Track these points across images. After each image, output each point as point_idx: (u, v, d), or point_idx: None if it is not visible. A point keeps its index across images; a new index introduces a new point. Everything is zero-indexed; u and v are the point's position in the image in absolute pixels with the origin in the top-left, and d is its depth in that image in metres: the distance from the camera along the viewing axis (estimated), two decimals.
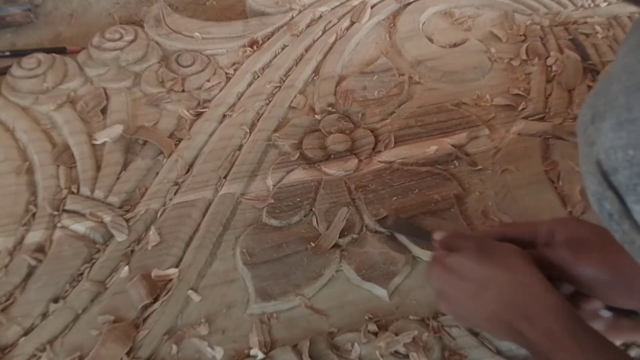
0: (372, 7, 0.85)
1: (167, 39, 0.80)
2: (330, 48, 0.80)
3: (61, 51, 0.81)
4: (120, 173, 0.66)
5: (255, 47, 0.80)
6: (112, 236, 0.61)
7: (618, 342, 0.51)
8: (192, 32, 0.81)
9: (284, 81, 0.76)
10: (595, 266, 0.43)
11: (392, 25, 0.84)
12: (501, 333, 0.44)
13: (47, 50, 0.78)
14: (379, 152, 0.68)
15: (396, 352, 0.52)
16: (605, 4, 0.85)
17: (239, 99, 0.75)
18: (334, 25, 0.83)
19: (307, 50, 0.80)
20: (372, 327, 0.53)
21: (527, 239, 0.48)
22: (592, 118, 0.33)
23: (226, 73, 0.77)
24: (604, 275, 0.42)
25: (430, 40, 0.82)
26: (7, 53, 0.83)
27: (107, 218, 0.61)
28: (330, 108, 0.73)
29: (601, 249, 0.43)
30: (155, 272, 0.58)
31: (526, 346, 0.42)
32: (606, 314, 0.45)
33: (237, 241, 0.61)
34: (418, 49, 0.80)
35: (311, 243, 0.59)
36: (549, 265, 0.45)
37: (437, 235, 0.52)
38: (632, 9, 0.84)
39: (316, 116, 0.72)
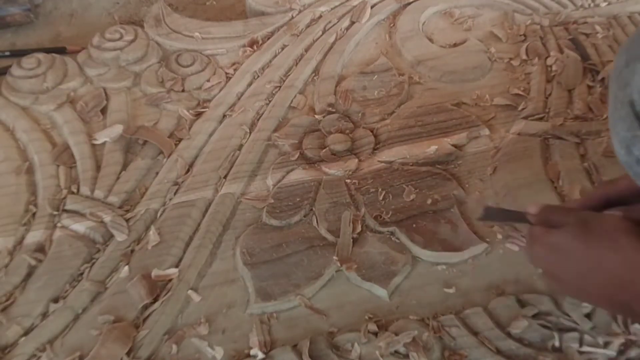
0: (372, 7, 0.85)
1: (167, 39, 0.80)
2: (330, 48, 0.80)
3: (61, 51, 0.81)
4: (120, 173, 0.66)
5: (255, 47, 0.80)
6: (112, 236, 0.61)
7: None
8: (192, 32, 0.81)
9: (284, 81, 0.76)
10: None
11: (392, 25, 0.84)
12: (617, 311, 0.44)
13: (47, 50, 0.78)
14: (379, 152, 0.68)
15: (396, 352, 0.51)
16: (605, 4, 0.85)
17: (239, 98, 0.75)
18: (333, 25, 0.83)
19: (307, 50, 0.80)
20: (372, 327, 0.53)
21: (634, 192, 0.45)
22: (626, 62, 0.35)
23: (226, 73, 0.77)
24: None
25: (430, 40, 0.82)
26: (7, 53, 0.83)
27: (107, 218, 0.61)
28: (330, 108, 0.73)
29: None
30: (155, 272, 0.58)
31: None
32: None
33: (237, 241, 0.61)
34: (418, 49, 0.80)
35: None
36: None
37: (533, 209, 0.49)
38: (632, 8, 0.84)
39: (316, 116, 0.72)
